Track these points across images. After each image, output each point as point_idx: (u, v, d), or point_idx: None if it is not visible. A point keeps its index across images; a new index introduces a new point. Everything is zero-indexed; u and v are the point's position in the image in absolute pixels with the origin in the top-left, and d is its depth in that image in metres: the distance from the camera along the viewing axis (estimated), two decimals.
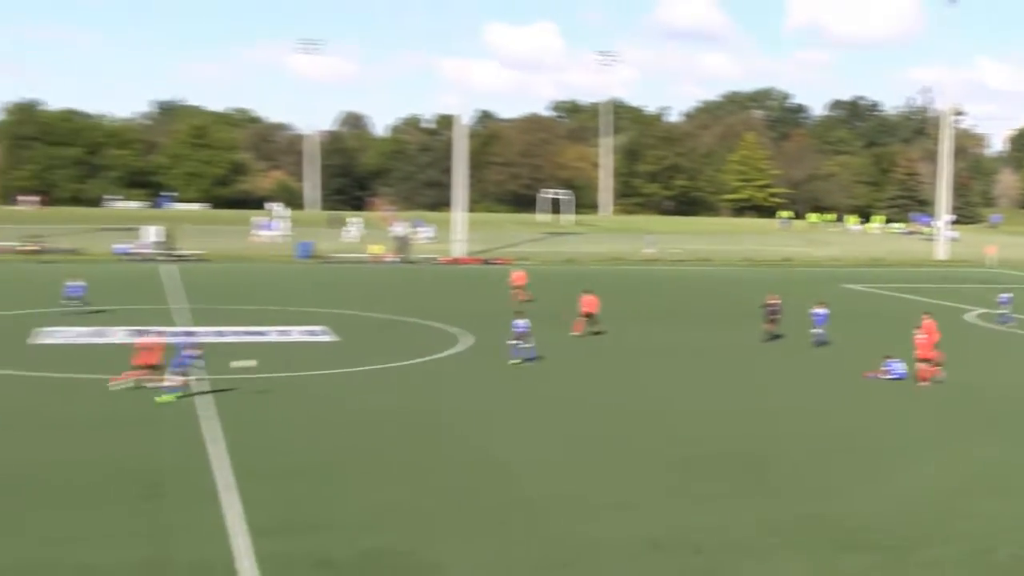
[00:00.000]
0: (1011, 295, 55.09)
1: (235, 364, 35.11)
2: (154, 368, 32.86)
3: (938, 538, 21.39)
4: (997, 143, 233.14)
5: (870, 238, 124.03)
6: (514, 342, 40.03)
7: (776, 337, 46.42)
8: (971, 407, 34.80)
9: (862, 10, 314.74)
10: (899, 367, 38.23)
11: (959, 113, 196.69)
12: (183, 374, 32.28)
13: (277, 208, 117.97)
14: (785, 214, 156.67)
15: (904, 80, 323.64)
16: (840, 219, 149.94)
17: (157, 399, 31.58)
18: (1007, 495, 24.57)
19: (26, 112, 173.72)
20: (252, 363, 35.25)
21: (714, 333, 49.34)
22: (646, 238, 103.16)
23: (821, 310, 46.19)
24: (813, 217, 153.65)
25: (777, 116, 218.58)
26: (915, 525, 22.08)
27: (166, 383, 31.99)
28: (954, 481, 25.68)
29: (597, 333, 46.56)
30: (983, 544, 21.01)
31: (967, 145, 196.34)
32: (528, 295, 57.73)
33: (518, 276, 60.61)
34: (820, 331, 45.62)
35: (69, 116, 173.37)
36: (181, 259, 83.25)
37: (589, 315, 46.93)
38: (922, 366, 37.75)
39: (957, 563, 19.96)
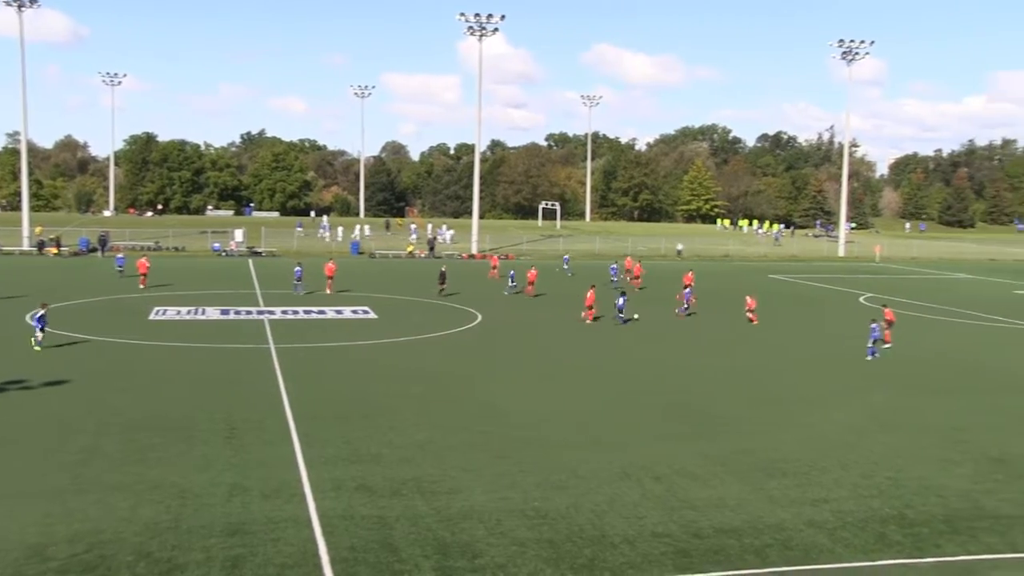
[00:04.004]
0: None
1: None
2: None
3: (835, 465, 21.60)
4: (882, 168, 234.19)
5: (787, 240, 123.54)
6: (620, 315, 43.49)
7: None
8: (868, 366, 34.70)
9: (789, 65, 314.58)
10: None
11: (855, 145, 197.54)
12: None
13: (326, 219, 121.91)
14: (724, 222, 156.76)
15: (816, 118, 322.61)
16: (760, 225, 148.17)
17: None
18: (890, 432, 24.84)
19: (143, 143, 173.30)
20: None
21: (660, 309, 48.91)
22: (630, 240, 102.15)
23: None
24: (743, 223, 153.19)
25: (719, 145, 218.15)
26: (819, 456, 22.29)
27: None
28: (851, 422, 25.81)
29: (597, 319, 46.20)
30: (867, 469, 21.32)
31: (860, 169, 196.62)
32: (496, 275, 62.34)
33: (494, 259, 64.66)
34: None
35: (180, 146, 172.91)
36: (258, 255, 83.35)
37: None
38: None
39: (848, 485, 20.15)
